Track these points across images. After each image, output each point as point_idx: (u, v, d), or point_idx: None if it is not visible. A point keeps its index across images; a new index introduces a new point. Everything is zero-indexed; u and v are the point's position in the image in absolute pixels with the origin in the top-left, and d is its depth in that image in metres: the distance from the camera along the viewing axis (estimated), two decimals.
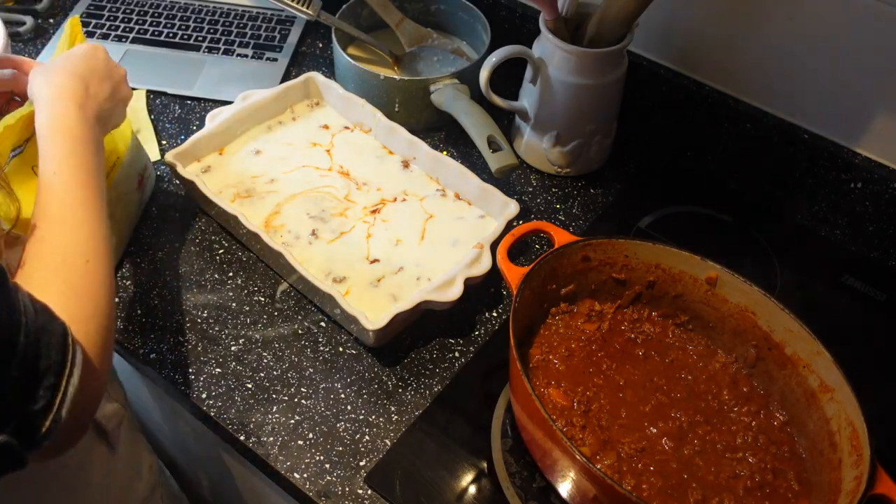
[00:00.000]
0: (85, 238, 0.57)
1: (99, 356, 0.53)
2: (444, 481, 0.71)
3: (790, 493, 0.65)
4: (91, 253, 0.56)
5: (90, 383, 0.51)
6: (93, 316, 0.54)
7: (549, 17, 0.89)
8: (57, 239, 0.56)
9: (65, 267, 0.55)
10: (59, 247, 0.55)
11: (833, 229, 0.95)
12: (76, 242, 0.56)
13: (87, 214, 0.59)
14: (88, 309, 0.54)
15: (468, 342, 0.82)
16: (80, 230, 0.57)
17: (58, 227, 0.57)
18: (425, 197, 0.92)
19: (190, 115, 1.04)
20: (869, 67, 0.85)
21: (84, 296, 0.54)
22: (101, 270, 0.57)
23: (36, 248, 0.55)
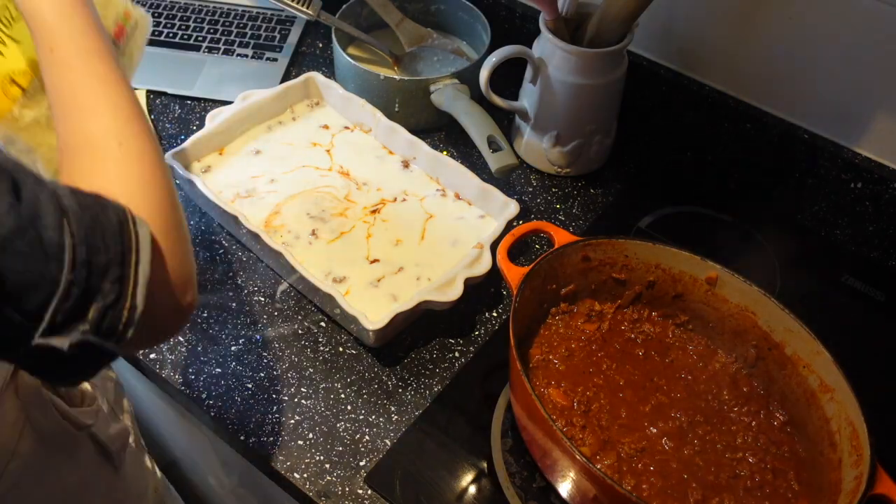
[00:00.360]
0: (110, 118, 0.52)
1: (170, 238, 0.50)
2: (444, 481, 0.71)
3: (790, 493, 0.65)
4: (122, 134, 0.52)
5: (168, 264, 0.49)
6: (148, 199, 0.50)
7: (549, 17, 0.89)
8: (78, 127, 0.52)
9: (99, 157, 0.51)
10: (85, 136, 0.51)
11: (833, 229, 0.95)
12: (102, 127, 0.52)
13: (103, 89, 0.53)
14: (140, 196, 0.50)
15: (468, 342, 0.82)
16: (101, 110, 0.52)
17: (75, 113, 0.52)
18: (425, 197, 0.92)
19: (190, 115, 1.04)
20: (869, 67, 0.85)
21: (131, 181, 0.51)
22: (138, 149, 0.52)
23: (62, 141, 0.52)
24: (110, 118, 0.52)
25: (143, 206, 0.50)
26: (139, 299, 0.45)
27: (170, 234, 0.51)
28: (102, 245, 0.44)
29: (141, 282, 0.46)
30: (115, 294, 0.44)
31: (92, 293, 0.43)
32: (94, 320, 0.43)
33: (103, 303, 0.44)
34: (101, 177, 0.51)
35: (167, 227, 0.51)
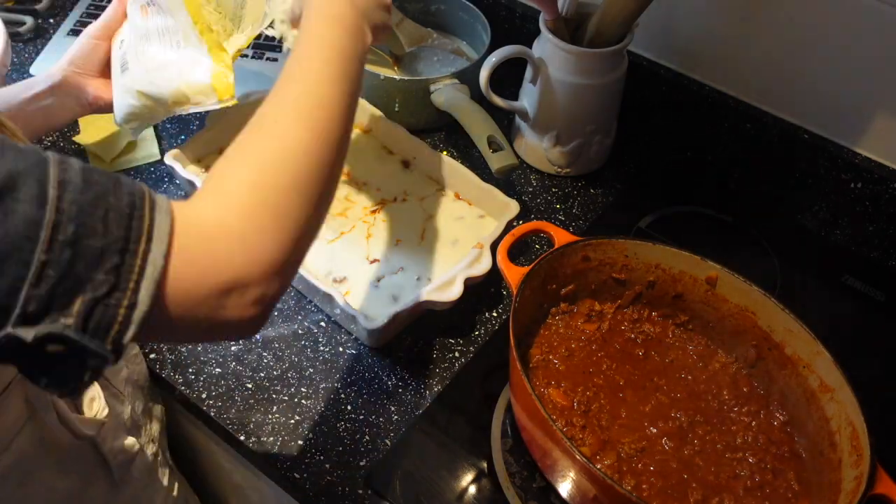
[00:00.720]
0: (297, 116, 0.50)
1: (260, 229, 0.45)
2: (444, 481, 0.71)
3: (790, 493, 0.65)
4: (294, 124, 0.50)
5: (208, 267, 0.43)
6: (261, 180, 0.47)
7: (549, 17, 0.89)
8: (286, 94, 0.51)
9: (255, 128, 0.50)
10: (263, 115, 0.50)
11: (833, 229, 0.95)
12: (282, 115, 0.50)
13: (315, 103, 0.51)
14: (280, 170, 0.47)
15: (468, 342, 0.82)
16: (300, 121, 0.50)
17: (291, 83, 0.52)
18: (425, 197, 0.92)
19: (190, 115, 1.04)
20: (869, 67, 0.85)
21: (264, 155, 0.48)
22: (295, 138, 0.49)
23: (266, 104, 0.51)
24: (298, 117, 0.50)
25: (235, 196, 0.45)
26: (143, 296, 0.40)
27: (240, 242, 0.44)
28: (101, 227, 0.39)
29: (149, 275, 0.40)
30: (110, 285, 0.39)
31: (77, 281, 0.38)
32: (81, 314, 0.38)
33: (92, 295, 0.39)
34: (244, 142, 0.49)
35: (245, 233, 0.45)
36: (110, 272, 0.39)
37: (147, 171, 0.97)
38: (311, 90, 0.52)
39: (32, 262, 0.37)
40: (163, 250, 0.41)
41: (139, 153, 0.98)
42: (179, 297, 0.42)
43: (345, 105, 0.53)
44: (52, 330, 0.38)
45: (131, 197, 0.41)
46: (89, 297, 0.38)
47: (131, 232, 0.40)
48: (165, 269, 0.41)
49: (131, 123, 0.80)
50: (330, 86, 0.53)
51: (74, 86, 0.80)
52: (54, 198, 0.38)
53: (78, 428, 0.66)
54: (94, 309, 0.39)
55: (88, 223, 0.39)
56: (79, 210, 0.39)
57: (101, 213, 0.39)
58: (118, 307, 0.39)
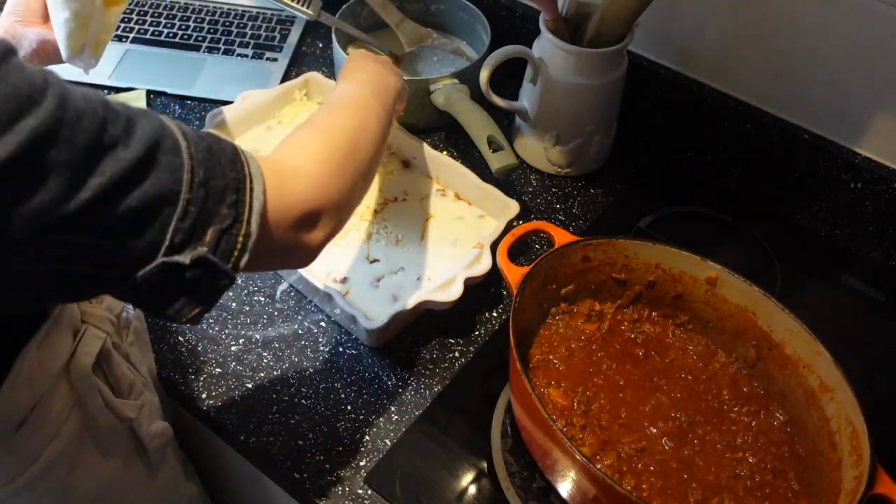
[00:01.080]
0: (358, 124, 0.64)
1: (329, 173, 0.56)
2: (444, 481, 0.71)
3: (790, 493, 0.65)
4: (338, 123, 0.63)
5: (291, 197, 0.52)
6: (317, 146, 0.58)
7: (549, 17, 0.89)
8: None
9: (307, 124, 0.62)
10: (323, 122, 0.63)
11: (833, 229, 0.95)
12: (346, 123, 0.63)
13: (365, 115, 0.66)
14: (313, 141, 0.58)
15: (468, 342, 0.82)
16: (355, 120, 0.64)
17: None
18: (425, 197, 0.92)
19: (190, 115, 1.04)
20: (869, 68, 0.85)
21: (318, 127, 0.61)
22: (342, 122, 0.63)
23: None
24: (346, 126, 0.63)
25: (307, 149, 0.57)
26: (254, 226, 0.47)
27: (313, 179, 0.55)
28: (220, 170, 0.46)
29: (256, 209, 0.48)
30: (232, 219, 0.46)
31: (209, 215, 0.45)
32: (212, 243, 0.46)
33: (220, 226, 0.46)
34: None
35: (316, 173, 0.55)
36: (231, 207, 0.47)
37: None
38: (356, 100, 0.68)
39: (179, 202, 0.44)
40: (261, 188, 0.49)
41: None
42: (275, 224, 0.51)
43: (381, 115, 0.69)
44: (201, 255, 0.45)
45: (230, 146, 0.49)
46: (218, 228, 0.46)
47: (240, 173, 0.48)
48: (265, 202, 0.49)
49: (75, 50, 0.74)
50: (368, 99, 0.69)
51: (18, 36, 0.76)
52: (186, 147, 0.45)
53: (121, 410, 0.69)
54: (221, 238, 0.46)
55: (211, 167, 0.46)
56: (203, 156, 0.46)
57: (217, 159, 0.47)
58: (238, 236, 0.47)
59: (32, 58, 0.78)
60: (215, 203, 0.46)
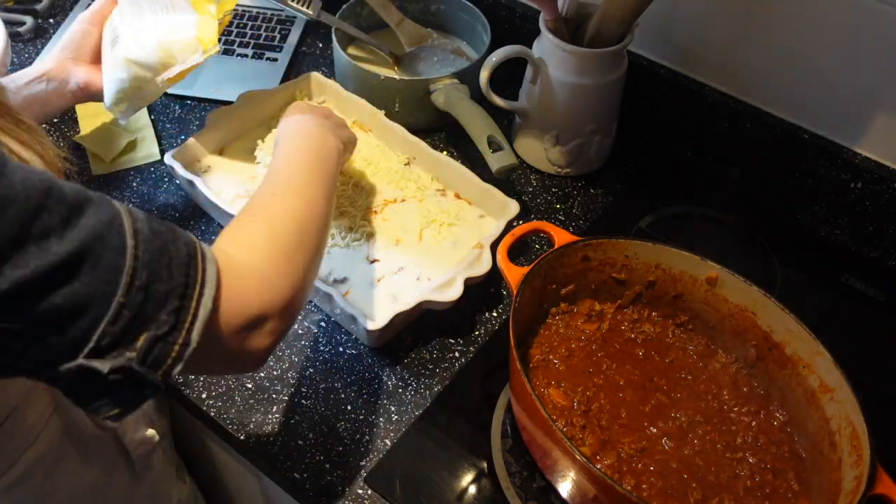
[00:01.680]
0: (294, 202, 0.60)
1: (278, 272, 0.53)
2: (444, 481, 0.71)
3: (790, 493, 0.65)
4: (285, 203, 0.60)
5: (241, 302, 0.49)
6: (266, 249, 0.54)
7: (549, 17, 0.89)
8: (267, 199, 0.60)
9: (253, 208, 0.59)
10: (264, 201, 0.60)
11: (833, 229, 0.95)
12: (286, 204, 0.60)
13: (308, 190, 0.62)
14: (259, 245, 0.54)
15: (468, 342, 0.82)
16: (293, 198, 0.61)
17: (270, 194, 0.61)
18: (425, 197, 0.92)
19: (190, 115, 1.04)
20: (869, 67, 0.85)
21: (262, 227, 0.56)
22: (287, 208, 0.59)
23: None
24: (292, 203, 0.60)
25: (254, 245, 0.54)
26: (195, 335, 0.45)
27: (264, 280, 0.52)
28: (166, 273, 0.44)
29: (201, 317, 0.45)
30: (170, 326, 0.44)
31: (145, 320, 0.43)
32: (143, 349, 0.43)
33: (155, 333, 0.43)
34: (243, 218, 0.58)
35: (267, 273, 0.52)
36: (171, 314, 0.44)
37: (147, 171, 0.97)
38: (299, 177, 0.64)
39: (112, 304, 0.42)
40: (212, 294, 0.46)
41: (139, 153, 0.98)
42: (219, 331, 0.48)
43: (326, 189, 0.65)
44: (122, 363, 0.42)
45: (187, 247, 0.46)
46: (152, 335, 0.43)
47: (189, 278, 0.45)
48: (213, 311, 0.47)
49: (120, 105, 0.79)
50: (312, 174, 0.65)
51: (66, 72, 0.80)
52: (132, 246, 0.43)
53: (101, 420, 0.68)
54: (154, 345, 0.44)
55: (157, 270, 0.44)
56: (150, 258, 0.44)
57: (166, 261, 0.44)
58: (174, 344, 0.44)
59: (75, 94, 0.81)
60: (154, 308, 0.43)
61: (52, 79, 0.79)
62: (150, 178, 0.96)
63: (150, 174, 0.97)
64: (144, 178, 0.96)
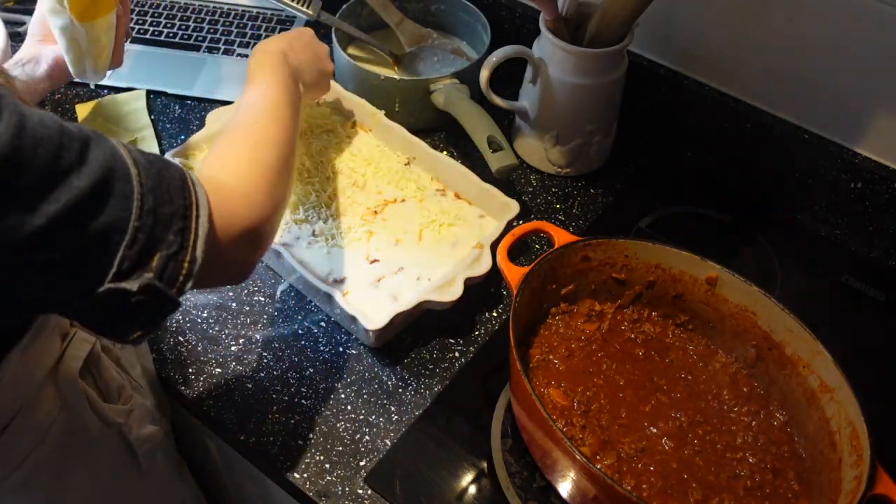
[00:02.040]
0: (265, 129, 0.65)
1: (260, 191, 0.57)
2: (444, 481, 0.71)
3: (790, 493, 0.65)
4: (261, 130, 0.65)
5: (231, 220, 0.53)
6: (245, 166, 0.59)
7: (549, 17, 0.89)
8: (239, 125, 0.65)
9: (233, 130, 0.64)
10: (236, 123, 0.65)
11: (833, 229, 0.95)
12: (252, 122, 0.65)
13: (272, 116, 0.67)
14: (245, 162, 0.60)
15: (468, 342, 0.82)
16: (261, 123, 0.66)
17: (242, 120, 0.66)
18: (425, 197, 0.92)
19: (190, 115, 1.04)
20: (869, 67, 0.85)
21: (245, 149, 0.61)
22: (264, 134, 0.64)
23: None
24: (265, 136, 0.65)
25: (240, 169, 0.58)
26: (199, 252, 0.48)
27: (249, 199, 0.56)
28: (167, 197, 0.47)
29: (201, 236, 0.49)
30: (178, 245, 0.47)
31: (157, 242, 0.46)
32: (158, 269, 0.46)
33: (167, 252, 0.47)
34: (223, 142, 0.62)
35: (251, 193, 0.57)
36: (177, 233, 0.47)
37: None
38: (270, 108, 0.69)
39: (128, 229, 0.45)
40: (207, 214, 0.50)
41: None
42: (217, 247, 0.52)
43: (293, 117, 0.70)
44: (147, 281, 0.46)
45: (178, 172, 0.50)
46: (164, 254, 0.47)
47: (187, 200, 0.49)
48: (209, 228, 0.50)
49: (80, 65, 0.77)
50: (282, 107, 0.70)
51: (37, 54, 0.79)
52: (136, 174, 0.46)
53: (107, 415, 0.69)
54: (168, 264, 0.47)
55: (160, 194, 0.47)
56: (152, 184, 0.47)
57: (165, 186, 0.48)
58: (184, 262, 0.48)
59: (51, 73, 0.80)
60: (163, 229, 0.47)
61: (27, 62, 0.79)
62: None
63: None
64: None
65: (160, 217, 0.46)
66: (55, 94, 1.04)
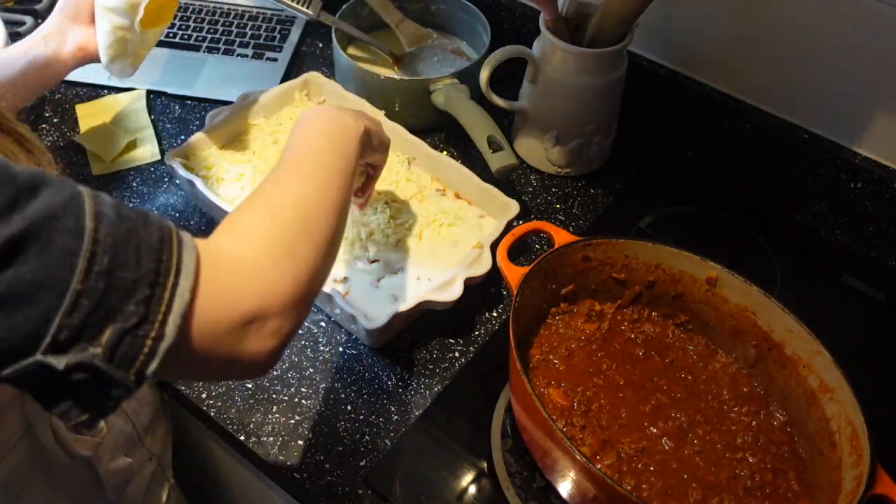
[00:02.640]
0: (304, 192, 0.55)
1: (276, 263, 0.48)
2: (444, 481, 0.71)
3: (790, 493, 0.65)
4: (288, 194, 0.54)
5: (229, 298, 0.44)
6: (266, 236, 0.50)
7: (549, 17, 0.89)
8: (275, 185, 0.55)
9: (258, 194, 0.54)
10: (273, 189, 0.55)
11: (833, 229, 0.95)
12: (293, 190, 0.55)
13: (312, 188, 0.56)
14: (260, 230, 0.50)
15: (468, 342, 0.82)
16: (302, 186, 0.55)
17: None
18: (425, 197, 0.92)
19: (190, 115, 1.04)
20: (869, 67, 0.85)
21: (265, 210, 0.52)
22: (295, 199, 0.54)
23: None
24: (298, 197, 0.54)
25: (252, 234, 0.49)
26: (170, 328, 0.40)
27: (258, 273, 0.47)
28: (133, 259, 0.40)
29: (176, 308, 0.41)
30: (139, 317, 0.40)
31: (109, 311, 0.39)
32: (109, 344, 0.39)
33: (122, 325, 0.39)
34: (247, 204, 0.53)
35: (262, 266, 0.47)
36: (140, 304, 0.40)
37: (147, 171, 0.97)
38: (308, 161, 0.58)
39: (68, 292, 0.38)
40: (190, 284, 0.42)
41: (139, 153, 0.98)
42: (203, 329, 0.43)
43: (340, 171, 0.59)
44: (82, 359, 0.38)
45: (160, 232, 0.42)
46: (119, 328, 0.39)
47: (161, 265, 0.41)
48: (192, 302, 0.42)
49: (115, 62, 0.78)
50: (322, 157, 0.59)
51: (64, 33, 0.78)
52: (91, 229, 0.39)
53: (73, 448, 0.65)
54: (122, 339, 0.39)
55: (122, 255, 0.40)
56: (113, 242, 0.40)
57: (133, 246, 0.40)
58: (146, 338, 0.40)
59: (76, 53, 0.79)
60: (119, 297, 0.39)
61: (51, 40, 0.77)
62: (150, 178, 0.96)
63: (150, 174, 0.97)
64: (144, 178, 0.96)
65: (117, 282, 0.39)
66: (55, 94, 1.05)
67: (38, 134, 1.00)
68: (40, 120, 1.01)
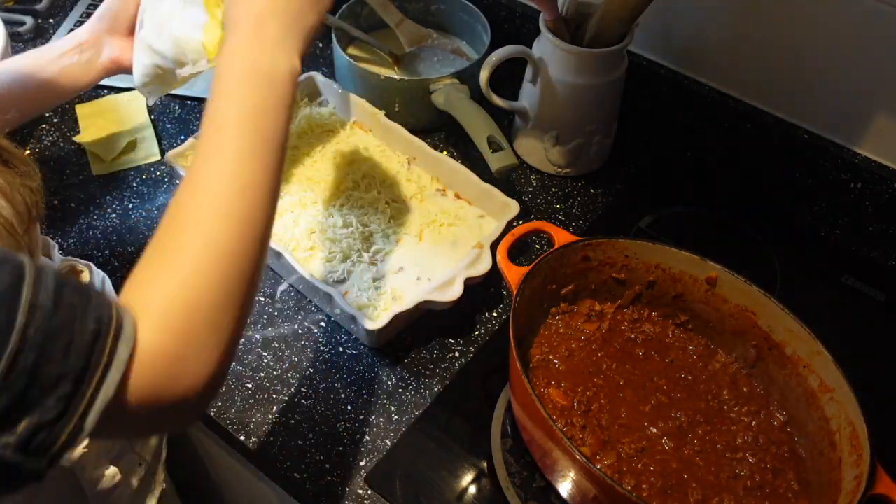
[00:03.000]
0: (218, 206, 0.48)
1: (198, 349, 0.45)
2: (444, 481, 0.71)
3: (790, 493, 0.65)
4: (215, 227, 0.47)
5: (153, 391, 0.43)
6: (191, 287, 0.45)
7: (549, 17, 0.89)
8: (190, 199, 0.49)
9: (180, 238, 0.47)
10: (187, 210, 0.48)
11: (833, 229, 0.95)
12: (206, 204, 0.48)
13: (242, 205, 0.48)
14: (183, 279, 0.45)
15: (468, 342, 0.82)
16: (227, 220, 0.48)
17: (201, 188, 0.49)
18: (425, 197, 0.92)
19: (190, 115, 1.04)
20: (869, 67, 0.85)
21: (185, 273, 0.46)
22: (218, 244, 0.47)
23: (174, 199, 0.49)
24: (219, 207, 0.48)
25: (169, 315, 0.45)
26: (88, 422, 0.40)
27: (180, 365, 0.44)
28: (61, 355, 0.39)
29: (97, 405, 0.40)
30: (58, 412, 0.39)
31: (27, 405, 0.38)
32: (23, 435, 0.38)
33: (39, 419, 0.38)
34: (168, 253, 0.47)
35: (197, 335, 0.45)
36: (61, 399, 0.39)
37: (147, 171, 0.97)
38: (229, 171, 0.49)
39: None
40: (117, 380, 0.41)
41: (139, 153, 0.98)
42: (125, 417, 0.43)
43: (268, 179, 0.50)
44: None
45: (98, 323, 0.41)
46: (35, 421, 0.38)
47: (90, 361, 0.40)
48: (114, 396, 0.41)
49: (147, 87, 0.78)
50: (249, 162, 0.50)
51: (100, 44, 0.77)
52: (21, 325, 0.38)
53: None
54: (37, 433, 0.39)
55: (49, 352, 0.39)
56: (43, 339, 0.38)
57: (64, 342, 0.39)
58: (61, 432, 0.39)
59: (106, 66, 0.78)
60: (41, 393, 0.38)
61: (86, 50, 0.77)
62: (150, 178, 0.96)
63: (150, 174, 0.97)
64: (144, 178, 0.96)
65: (40, 378, 0.38)
66: None
67: (38, 134, 1.00)
68: (40, 120, 1.01)
